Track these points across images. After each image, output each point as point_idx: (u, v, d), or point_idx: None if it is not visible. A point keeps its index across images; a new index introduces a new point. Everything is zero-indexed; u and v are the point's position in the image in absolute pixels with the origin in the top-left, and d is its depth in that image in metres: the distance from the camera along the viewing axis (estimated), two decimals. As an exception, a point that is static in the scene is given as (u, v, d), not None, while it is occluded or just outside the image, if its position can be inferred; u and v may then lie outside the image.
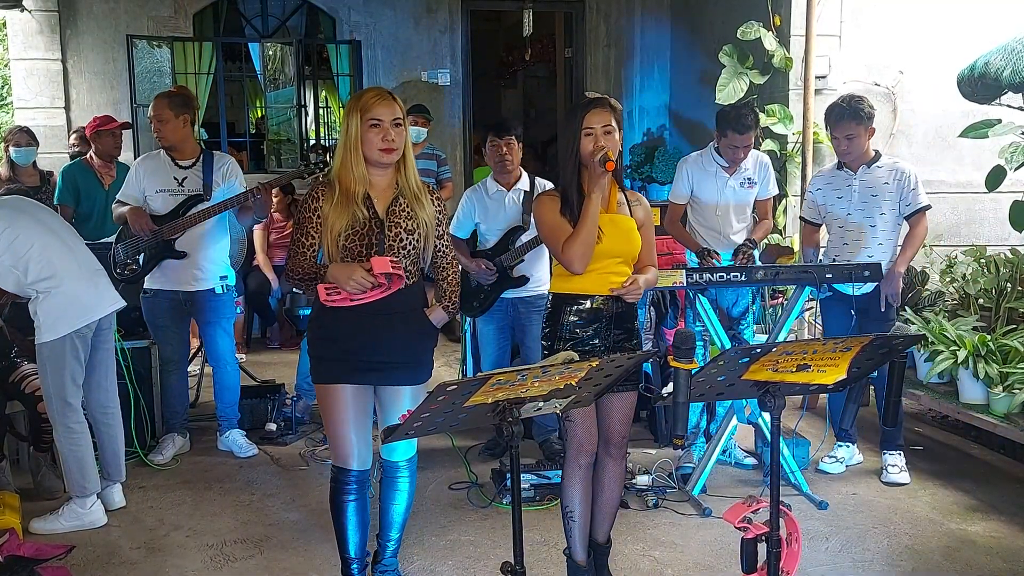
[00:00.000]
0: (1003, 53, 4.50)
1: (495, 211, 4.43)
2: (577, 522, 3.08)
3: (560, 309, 3.02)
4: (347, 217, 2.85)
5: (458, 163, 8.44)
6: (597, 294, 2.98)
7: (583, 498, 3.07)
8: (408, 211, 2.94)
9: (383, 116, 2.85)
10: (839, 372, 2.38)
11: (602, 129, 2.92)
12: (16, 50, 7.68)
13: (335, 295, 2.84)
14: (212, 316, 4.64)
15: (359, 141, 2.86)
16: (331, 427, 2.98)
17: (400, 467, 3.09)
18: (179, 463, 4.57)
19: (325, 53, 9.06)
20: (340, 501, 3.00)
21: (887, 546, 3.62)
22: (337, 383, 2.93)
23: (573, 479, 3.07)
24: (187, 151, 4.56)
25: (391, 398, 3.02)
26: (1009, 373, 4.13)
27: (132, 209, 4.43)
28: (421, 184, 3.00)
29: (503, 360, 4.58)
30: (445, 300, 3.10)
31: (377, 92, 2.92)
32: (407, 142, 2.95)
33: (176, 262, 4.49)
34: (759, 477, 4.32)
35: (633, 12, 8.81)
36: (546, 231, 3.02)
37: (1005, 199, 5.13)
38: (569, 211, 2.97)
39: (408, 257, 2.94)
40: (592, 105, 2.96)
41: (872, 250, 4.23)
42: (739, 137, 4.26)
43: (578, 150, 2.94)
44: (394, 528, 3.13)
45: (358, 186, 2.88)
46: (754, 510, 2.56)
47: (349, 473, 2.97)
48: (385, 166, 2.92)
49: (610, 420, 3.08)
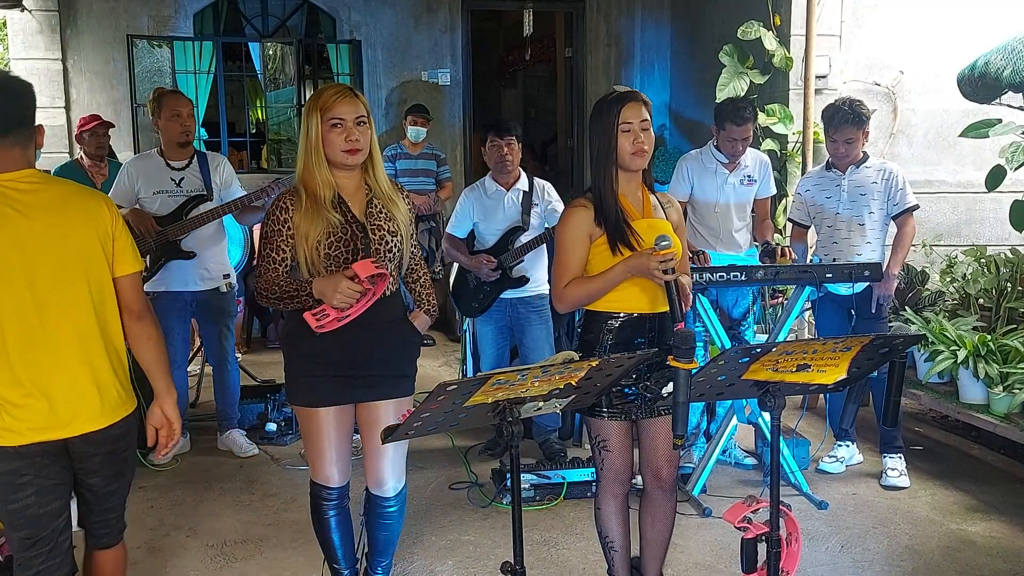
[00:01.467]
0: (1003, 53, 4.49)
1: (494, 211, 4.42)
2: (619, 551, 2.90)
3: (597, 329, 2.77)
4: (321, 224, 2.67)
5: (458, 163, 8.45)
6: (636, 312, 2.75)
7: (620, 526, 2.88)
8: (386, 212, 2.79)
9: (345, 115, 2.67)
10: (839, 372, 2.38)
11: (640, 125, 2.71)
12: (16, 50, 7.68)
13: (324, 319, 2.62)
14: (216, 315, 4.63)
15: (320, 142, 2.68)
16: (311, 446, 2.86)
17: (390, 502, 2.96)
18: (179, 463, 4.57)
19: (325, 53, 9.05)
20: (323, 516, 2.94)
21: (887, 546, 3.62)
22: (320, 407, 2.78)
23: (609, 510, 2.87)
24: (184, 152, 4.55)
25: (374, 415, 2.85)
26: (1009, 373, 4.13)
27: (133, 211, 4.39)
28: (391, 183, 2.86)
29: (502, 361, 4.58)
30: (425, 304, 3.01)
31: (337, 89, 2.72)
32: (373, 142, 2.76)
33: (181, 262, 4.48)
34: (759, 477, 4.32)
35: (633, 12, 8.81)
36: (562, 246, 2.77)
37: (1005, 199, 5.13)
38: (603, 219, 2.73)
39: (392, 260, 2.81)
40: (627, 99, 2.72)
41: (861, 248, 4.24)
42: (737, 129, 4.26)
43: (615, 148, 2.72)
44: (385, 554, 3.06)
45: (324, 190, 2.69)
46: (754, 510, 2.56)
47: (331, 491, 2.91)
48: (350, 168, 2.74)
49: (656, 447, 2.83)
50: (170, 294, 4.49)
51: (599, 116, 2.75)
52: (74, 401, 2.38)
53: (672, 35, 8.68)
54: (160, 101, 4.53)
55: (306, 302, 2.66)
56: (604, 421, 2.79)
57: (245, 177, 5.05)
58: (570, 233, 2.76)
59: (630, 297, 2.75)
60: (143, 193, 4.47)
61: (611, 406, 2.76)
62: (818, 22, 5.91)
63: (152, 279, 4.47)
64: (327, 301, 2.60)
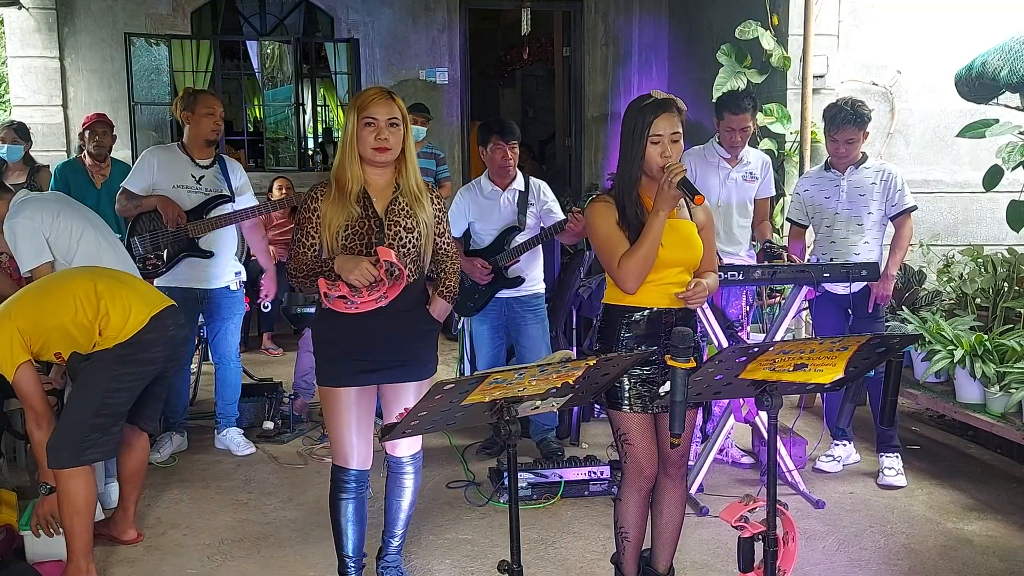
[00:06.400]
0: (1001, 53, 4.49)
1: (490, 211, 4.42)
2: (631, 542, 2.92)
3: (615, 323, 2.80)
4: (343, 215, 2.85)
5: (456, 162, 8.45)
6: (655, 307, 2.76)
7: (637, 519, 2.90)
8: (407, 210, 2.93)
9: (378, 115, 2.84)
10: (836, 371, 2.38)
11: (670, 137, 2.69)
12: (14, 48, 7.68)
13: (334, 292, 2.81)
14: (224, 313, 4.64)
15: (355, 139, 2.86)
16: (333, 428, 2.99)
17: (404, 463, 3.09)
18: (176, 462, 4.57)
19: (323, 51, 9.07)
20: (338, 500, 3.02)
21: (884, 545, 3.62)
22: (340, 386, 2.94)
23: (630, 502, 2.88)
24: (208, 151, 4.56)
25: (395, 395, 3.02)
26: (1006, 372, 4.14)
27: (162, 198, 4.37)
28: (423, 184, 2.99)
29: (498, 360, 4.58)
30: (442, 287, 3.07)
31: (376, 91, 2.91)
32: (408, 142, 2.93)
33: (195, 259, 4.47)
34: (756, 476, 4.32)
35: (631, 11, 8.81)
36: (599, 241, 2.79)
37: (1002, 199, 5.13)
38: (627, 223, 2.74)
39: (408, 256, 2.93)
40: (660, 109, 2.69)
41: (859, 248, 4.25)
42: (735, 118, 4.26)
43: (642, 158, 2.71)
44: (398, 524, 3.14)
45: (353, 184, 2.87)
46: (751, 509, 2.57)
47: (348, 472, 2.99)
48: (381, 165, 2.91)
49: (666, 436, 2.75)
50: (178, 290, 4.46)
51: (631, 120, 2.74)
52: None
53: (670, 34, 8.68)
54: (195, 97, 4.54)
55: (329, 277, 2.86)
56: (625, 414, 2.79)
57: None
58: (603, 223, 2.78)
59: (648, 293, 2.77)
60: (162, 185, 4.43)
61: (632, 399, 2.77)
62: (816, 22, 5.91)
63: (165, 274, 4.46)
64: (344, 276, 2.79)
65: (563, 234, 4.16)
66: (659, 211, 2.67)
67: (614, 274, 2.76)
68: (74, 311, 3.15)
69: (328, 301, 2.84)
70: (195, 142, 4.53)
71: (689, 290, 2.72)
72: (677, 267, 2.77)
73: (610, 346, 2.79)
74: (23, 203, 3.78)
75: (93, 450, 3.16)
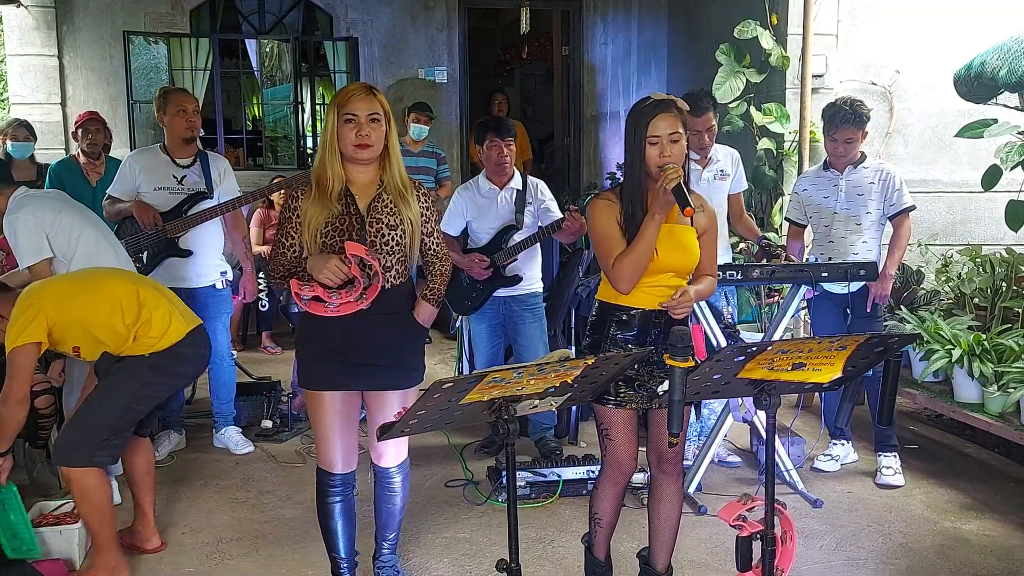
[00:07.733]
0: (999, 53, 4.50)
1: (487, 209, 4.42)
2: (603, 528, 2.96)
3: (606, 320, 2.83)
4: (324, 213, 2.80)
5: (455, 161, 8.45)
6: (646, 308, 2.77)
7: (612, 508, 2.93)
8: (391, 208, 2.86)
9: (358, 111, 2.78)
10: (834, 371, 2.39)
11: (669, 138, 2.68)
12: (12, 46, 7.67)
13: (306, 292, 2.78)
14: (211, 312, 4.61)
15: (335, 137, 2.80)
16: (317, 431, 2.98)
17: (392, 473, 3.06)
18: (175, 460, 4.57)
19: (322, 50, 9.05)
20: (326, 503, 3.00)
21: (882, 544, 3.63)
22: (323, 390, 2.90)
23: (606, 493, 2.91)
24: (188, 149, 4.55)
25: (379, 404, 2.96)
26: (1004, 372, 4.14)
27: (137, 203, 4.38)
28: (408, 181, 2.93)
29: (496, 359, 4.57)
30: (427, 289, 3.01)
31: (356, 87, 2.85)
32: (391, 138, 2.87)
33: (178, 259, 4.47)
34: (754, 475, 4.33)
35: (630, 10, 8.81)
36: (597, 238, 2.81)
37: (1001, 198, 5.13)
38: (631, 225, 2.76)
39: (393, 254, 2.87)
40: (657, 110, 2.69)
41: (857, 248, 4.25)
42: (698, 120, 4.23)
43: (643, 160, 2.71)
44: (390, 528, 3.13)
45: (335, 183, 2.81)
46: (749, 508, 2.57)
47: (334, 477, 2.98)
48: (362, 162, 2.85)
49: (661, 434, 2.80)
50: None
51: (631, 124, 2.75)
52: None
53: (669, 34, 8.68)
54: (166, 98, 4.53)
55: (303, 278, 2.84)
56: (609, 410, 2.80)
57: (242, 174, 5.06)
58: (602, 221, 2.80)
59: (640, 295, 2.78)
60: (144, 188, 4.45)
61: (618, 395, 2.78)
62: (815, 21, 5.92)
63: (148, 276, 4.46)
64: (315, 276, 2.76)
65: (561, 233, 4.15)
66: (654, 215, 2.69)
67: (608, 273, 2.79)
68: (112, 312, 3.14)
69: (302, 303, 2.81)
70: (173, 142, 4.53)
71: (674, 299, 2.71)
72: (669, 272, 2.78)
73: (599, 340, 2.83)
74: (24, 199, 3.78)
75: (105, 452, 3.17)
